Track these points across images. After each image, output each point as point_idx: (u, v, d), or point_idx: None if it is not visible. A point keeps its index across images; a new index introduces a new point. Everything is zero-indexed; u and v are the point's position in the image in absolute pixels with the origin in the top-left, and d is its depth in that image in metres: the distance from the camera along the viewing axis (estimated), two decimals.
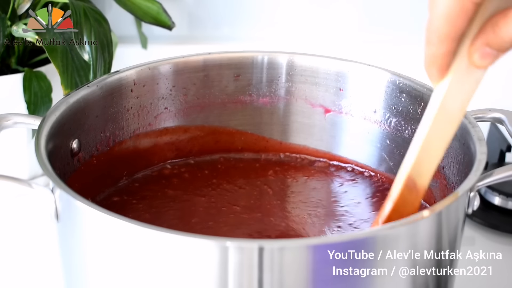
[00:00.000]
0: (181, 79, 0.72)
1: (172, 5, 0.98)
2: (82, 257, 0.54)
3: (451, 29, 0.45)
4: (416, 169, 0.52)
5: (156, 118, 0.72)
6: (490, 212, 0.81)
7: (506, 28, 0.44)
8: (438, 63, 0.47)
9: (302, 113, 0.75)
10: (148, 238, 0.49)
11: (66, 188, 0.52)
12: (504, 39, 0.45)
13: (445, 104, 0.49)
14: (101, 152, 0.68)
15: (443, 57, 0.46)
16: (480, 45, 0.46)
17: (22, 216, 0.80)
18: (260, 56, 0.74)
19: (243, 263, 0.48)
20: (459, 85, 0.48)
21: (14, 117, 0.62)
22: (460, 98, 0.49)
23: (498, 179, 0.58)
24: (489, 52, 0.46)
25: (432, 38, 0.45)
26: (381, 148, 0.72)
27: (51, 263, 0.72)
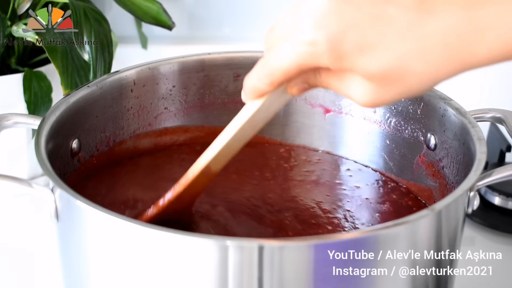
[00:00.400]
0: (181, 79, 0.73)
1: (172, 5, 0.98)
2: (82, 257, 0.54)
3: (284, 80, 0.49)
4: (215, 160, 0.57)
5: (156, 118, 0.72)
6: (490, 212, 0.81)
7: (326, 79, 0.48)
8: (258, 94, 0.51)
9: (302, 113, 0.75)
10: (148, 238, 0.49)
11: (66, 188, 0.52)
12: (322, 85, 0.49)
13: (254, 116, 0.53)
14: (101, 152, 0.68)
15: (265, 93, 0.51)
16: (299, 82, 0.50)
17: (22, 216, 0.80)
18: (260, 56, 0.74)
19: (243, 262, 0.48)
20: (270, 104, 0.53)
21: (14, 117, 0.62)
22: (268, 112, 0.54)
23: (498, 179, 0.58)
24: (305, 87, 0.51)
25: (264, 79, 0.49)
26: (381, 148, 0.72)
27: (51, 263, 0.72)
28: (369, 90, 0.46)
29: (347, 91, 0.47)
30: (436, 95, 0.66)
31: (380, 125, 0.71)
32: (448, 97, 0.65)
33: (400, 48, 0.44)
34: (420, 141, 0.68)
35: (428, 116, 0.67)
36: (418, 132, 0.68)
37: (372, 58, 0.44)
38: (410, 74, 0.44)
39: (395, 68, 0.44)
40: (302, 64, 0.46)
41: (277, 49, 0.48)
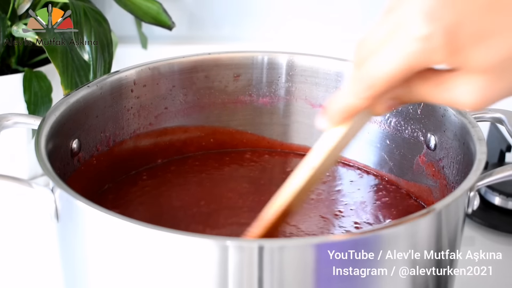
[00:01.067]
0: (181, 79, 0.72)
1: (172, 5, 0.98)
2: (82, 257, 0.54)
3: (386, 90, 0.45)
4: (295, 199, 0.53)
5: (156, 118, 0.72)
6: (490, 212, 0.81)
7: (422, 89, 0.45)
8: (350, 114, 0.48)
9: (302, 113, 0.75)
10: (148, 238, 0.49)
11: (66, 188, 0.52)
12: (416, 97, 0.46)
13: (337, 145, 0.50)
14: (101, 152, 0.68)
15: (359, 111, 0.47)
16: (388, 98, 0.47)
17: (22, 216, 0.80)
18: (260, 56, 0.74)
19: (243, 263, 0.48)
20: (352, 129, 0.50)
21: (14, 117, 0.62)
22: (348, 138, 0.51)
23: (498, 179, 0.58)
24: (394, 105, 0.47)
25: (362, 94, 0.45)
26: (381, 148, 0.72)
27: (51, 263, 0.72)
28: (481, 86, 0.43)
29: (450, 96, 0.44)
30: None
31: (380, 125, 0.71)
32: None
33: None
34: (420, 141, 0.68)
35: (428, 116, 0.67)
36: (418, 132, 0.68)
37: (489, 48, 0.41)
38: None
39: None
40: (413, 65, 0.43)
41: (376, 57, 0.44)
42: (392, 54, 0.43)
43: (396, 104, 0.47)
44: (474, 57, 0.42)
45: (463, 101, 0.44)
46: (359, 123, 0.50)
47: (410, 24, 0.42)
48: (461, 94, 0.43)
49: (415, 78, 0.45)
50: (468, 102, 0.43)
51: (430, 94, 0.45)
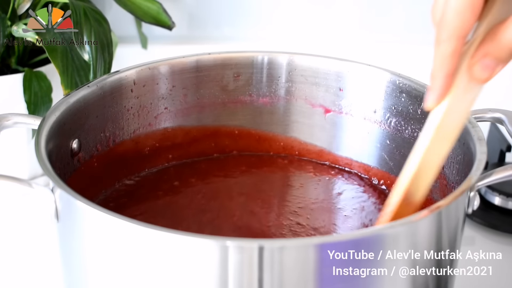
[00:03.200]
0: (181, 79, 0.72)
1: (172, 5, 0.98)
2: (82, 257, 0.54)
3: (461, 25, 0.46)
4: (413, 185, 0.53)
5: (156, 118, 0.72)
6: (490, 212, 0.81)
7: (504, 35, 0.46)
8: (446, 66, 0.48)
9: (302, 113, 0.75)
10: (148, 238, 0.49)
11: (66, 188, 0.52)
12: (503, 46, 0.46)
13: (445, 121, 0.50)
14: (101, 152, 0.68)
15: (451, 57, 0.47)
16: (480, 57, 0.47)
17: (22, 216, 0.80)
18: (260, 56, 0.74)
19: (243, 263, 0.48)
20: (458, 102, 0.49)
21: (14, 117, 0.62)
22: (458, 116, 0.51)
23: (498, 179, 0.58)
24: (489, 64, 0.47)
25: (442, 35, 0.47)
26: (381, 148, 0.72)
27: (51, 263, 0.72)
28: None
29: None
30: None
31: (380, 125, 0.71)
32: None
33: None
34: None
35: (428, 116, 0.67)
36: (418, 132, 0.68)
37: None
38: None
39: None
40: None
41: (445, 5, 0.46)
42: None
43: (491, 63, 0.47)
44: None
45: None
46: (464, 95, 0.49)
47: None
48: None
49: (498, 28, 0.46)
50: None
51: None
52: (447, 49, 0.47)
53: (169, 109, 0.73)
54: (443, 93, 0.49)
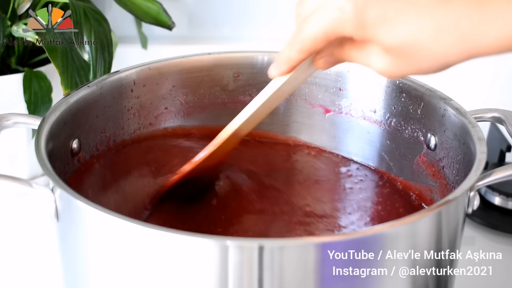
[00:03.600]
0: (181, 79, 0.73)
1: (172, 5, 0.98)
2: (82, 257, 0.54)
3: (313, 47, 0.53)
4: (243, 126, 0.63)
5: (156, 118, 0.72)
6: (490, 212, 0.81)
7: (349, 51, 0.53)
8: (291, 64, 0.55)
9: (302, 113, 0.75)
10: (148, 238, 0.49)
11: (66, 187, 0.52)
12: (345, 56, 0.54)
13: (282, 88, 0.58)
14: (101, 152, 0.68)
15: (297, 61, 0.55)
16: (325, 54, 0.55)
17: (22, 216, 0.80)
18: (260, 56, 0.74)
19: (243, 262, 0.48)
20: (296, 76, 0.58)
21: (14, 117, 0.62)
22: (292, 85, 0.60)
23: (498, 179, 0.58)
24: (331, 61, 0.56)
25: (295, 46, 0.53)
26: (381, 148, 0.72)
27: (51, 263, 0.72)
28: (386, 61, 0.50)
29: (367, 61, 0.52)
30: (436, 95, 0.66)
31: (380, 125, 0.71)
32: (448, 97, 0.65)
33: (416, 26, 0.48)
34: (420, 141, 0.68)
35: (428, 116, 0.67)
36: (418, 132, 0.68)
37: (390, 31, 0.48)
38: (422, 51, 0.48)
39: (410, 43, 0.48)
40: (329, 31, 0.51)
41: (309, 19, 0.52)
42: (316, 19, 0.51)
43: (332, 61, 0.56)
44: (379, 36, 0.49)
45: (375, 68, 0.51)
46: (302, 74, 0.58)
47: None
48: (373, 62, 0.51)
49: (346, 41, 0.53)
50: (379, 70, 0.51)
51: (354, 57, 0.53)
52: (296, 56, 0.54)
53: (169, 109, 0.73)
54: (285, 73, 0.57)
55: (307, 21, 0.52)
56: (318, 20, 0.51)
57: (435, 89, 0.66)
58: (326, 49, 0.55)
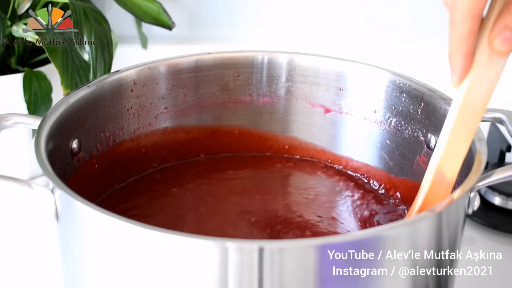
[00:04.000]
0: (181, 79, 0.72)
1: (172, 5, 0.98)
2: (82, 257, 0.54)
3: (475, 5, 0.46)
4: (445, 162, 0.54)
5: (156, 118, 0.72)
6: (490, 212, 0.81)
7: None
8: (463, 47, 0.48)
9: (302, 113, 0.75)
10: (148, 239, 0.49)
11: (66, 188, 0.52)
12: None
13: (468, 98, 0.50)
14: (101, 152, 0.68)
15: (467, 38, 0.47)
16: (499, 30, 0.48)
17: (22, 216, 0.80)
18: (260, 56, 0.74)
19: (243, 264, 0.48)
20: (481, 78, 0.50)
21: (14, 117, 0.62)
22: (482, 91, 0.51)
23: (498, 179, 0.58)
24: (509, 36, 0.47)
25: (456, 17, 0.46)
26: (381, 148, 0.72)
27: (51, 263, 0.72)
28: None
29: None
30: (437, 95, 0.66)
31: (381, 125, 0.71)
32: (449, 97, 0.65)
33: None
34: (421, 141, 0.68)
35: (428, 116, 0.67)
36: (418, 132, 0.68)
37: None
38: None
39: None
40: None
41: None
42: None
43: (510, 36, 0.47)
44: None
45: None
46: (487, 71, 0.50)
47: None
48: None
49: None
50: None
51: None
52: (462, 30, 0.47)
53: (169, 109, 0.73)
54: (465, 72, 0.49)
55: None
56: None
57: (436, 89, 0.66)
58: (497, 22, 0.47)
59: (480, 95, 0.51)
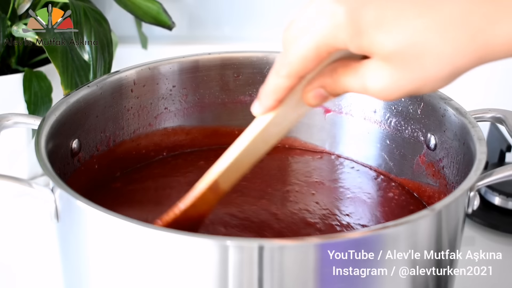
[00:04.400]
0: (181, 79, 0.72)
1: (172, 5, 0.98)
2: (82, 257, 0.54)
3: (303, 69, 0.47)
4: (224, 176, 0.55)
5: (156, 118, 0.72)
6: (490, 212, 0.81)
7: (343, 77, 0.48)
8: (277, 96, 0.50)
9: None
10: (148, 238, 0.49)
11: (66, 188, 0.52)
12: (339, 86, 0.48)
13: (267, 129, 0.52)
14: (101, 152, 0.68)
15: (284, 90, 0.49)
16: (316, 86, 0.49)
17: (22, 216, 0.80)
18: (260, 56, 0.74)
19: (243, 262, 0.48)
20: (284, 115, 0.52)
21: (14, 117, 0.62)
22: (281, 126, 0.53)
23: (498, 179, 0.58)
24: (322, 94, 0.50)
25: (282, 71, 0.48)
26: (381, 148, 0.72)
27: (51, 263, 0.72)
28: (386, 74, 0.44)
29: (363, 82, 0.46)
30: (436, 95, 0.66)
31: (380, 125, 0.71)
32: (448, 97, 0.65)
33: (419, 24, 0.42)
34: (420, 141, 0.68)
35: (428, 116, 0.67)
36: (418, 132, 0.68)
37: (389, 33, 0.43)
38: (428, 53, 0.43)
39: (413, 44, 0.43)
40: (321, 44, 0.45)
41: (297, 38, 0.47)
42: (305, 37, 0.46)
43: (323, 94, 0.49)
44: (377, 40, 0.43)
45: (375, 86, 0.45)
46: (291, 112, 0.52)
47: (322, 5, 0.45)
48: (371, 79, 0.45)
49: (338, 67, 0.47)
50: (379, 88, 0.45)
51: (349, 82, 0.47)
52: (283, 84, 0.49)
53: (169, 109, 0.73)
54: (270, 109, 0.51)
55: (295, 41, 0.47)
56: (307, 35, 0.46)
57: None
58: (317, 79, 0.49)
59: (277, 130, 0.53)
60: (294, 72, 0.48)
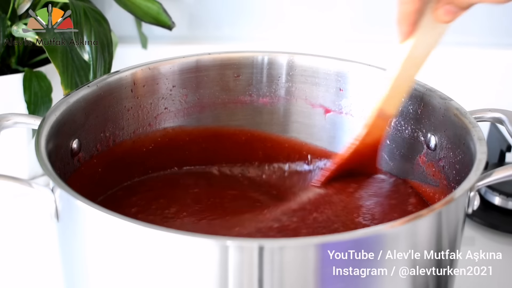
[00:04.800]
0: (181, 79, 0.72)
1: (172, 5, 0.98)
2: (82, 257, 0.54)
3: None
4: (386, 103, 0.64)
5: (156, 118, 0.72)
6: (490, 212, 0.81)
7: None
8: (409, 20, 0.57)
9: (302, 113, 0.75)
10: (149, 238, 0.49)
11: (66, 187, 0.52)
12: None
13: (412, 52, 0.60)
14: (101, 152, 0.68)
15: (413, 14, 0.56)
16: (444, 3, 0.56)
17: (22, 216, 0.80)
18: (260, 56, 0.74)
19: (243, 262, 0.48)
20: (425, 37, 0.59)
21: (14, 117, 0.62)
22: (425, 47, 0.60)
23: (498, 179, 0.58)
24: (451, 9, 0.56)
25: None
26: (381, 148, 0.72)
27: (51, 263, 0.72)
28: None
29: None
30: (436, 95, 0.66)
31: None
32: (448, 97, 0.65)
33: None
34: (420, 141, 0.68)
35: (428, 116, 0.67)
36: (418, 132, 0.68)
37: None
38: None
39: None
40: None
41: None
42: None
43: (452, 9, 0.56)
44: None
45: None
46: (430, 32, 0.58)
47: None
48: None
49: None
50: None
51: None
52: (408, 8, 0.55)
53: (169, 109, 0.73)
54: (409, 34, 0.58)
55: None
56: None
57: (435, 89, 0.66)
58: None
59: (422, 51, 0.60)
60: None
